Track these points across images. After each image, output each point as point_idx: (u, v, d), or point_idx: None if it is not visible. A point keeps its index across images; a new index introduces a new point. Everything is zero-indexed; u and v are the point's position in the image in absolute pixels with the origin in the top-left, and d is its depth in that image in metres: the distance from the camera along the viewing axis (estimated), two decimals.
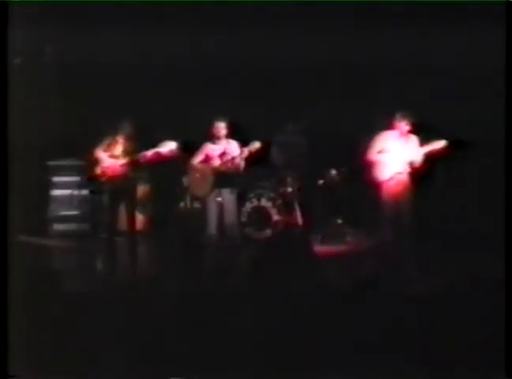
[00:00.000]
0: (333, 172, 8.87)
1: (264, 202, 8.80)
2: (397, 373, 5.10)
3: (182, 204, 8.57)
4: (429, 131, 7.73)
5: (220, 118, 7.77)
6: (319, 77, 9.16)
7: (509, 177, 6.30)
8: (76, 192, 8.94)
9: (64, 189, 9.11)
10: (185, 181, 8.23)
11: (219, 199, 7.64)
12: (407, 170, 7.65)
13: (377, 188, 7.73)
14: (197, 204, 8.30)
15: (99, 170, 7.68)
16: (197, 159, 7.78)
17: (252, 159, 7.92)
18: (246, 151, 7.60)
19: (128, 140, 7.72)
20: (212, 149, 7.77)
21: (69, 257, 8.05)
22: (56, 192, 9.15)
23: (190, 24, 8.41)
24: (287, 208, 8.86)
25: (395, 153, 7.66)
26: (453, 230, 8.12)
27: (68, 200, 9.05)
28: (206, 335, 5.52)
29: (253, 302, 6.09)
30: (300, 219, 8.90)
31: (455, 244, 7.78)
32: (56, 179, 9.17)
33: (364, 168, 7.81)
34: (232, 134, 7.81)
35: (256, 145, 7.60)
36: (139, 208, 8.62)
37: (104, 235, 7.86)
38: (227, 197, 7.68)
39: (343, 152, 8.82)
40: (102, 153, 7.68)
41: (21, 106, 6.29)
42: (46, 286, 6.65)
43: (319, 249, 8.05)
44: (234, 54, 9.15)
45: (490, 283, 6.20)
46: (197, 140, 7.94)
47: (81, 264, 7.75)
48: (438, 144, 7.54)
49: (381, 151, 7.69)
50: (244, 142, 7.78)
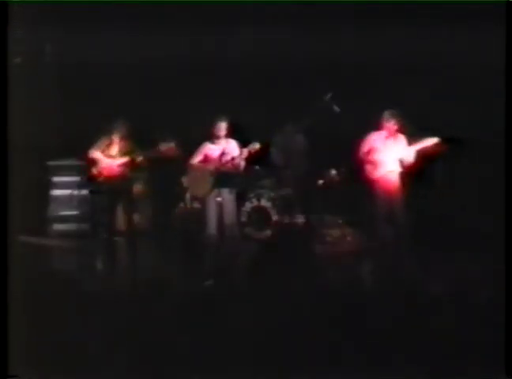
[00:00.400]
0: (333, 172, 8.87)
1: (264, 202, 8.81)
2: (396, 372, 5.10)
3: (182, 204, 8.56)
4: (428, 131, 7.73)
5: (219, 118, 7.76)
6: (319, 77, 9.18)
7: (509, 176, 6.29)
8: (76, 192, 8.94)
9: (64, 189, 9.11)
10: (185, 181, 8.23)
11: (218, 199, 7.64)
12: (399, 169, 7.64)
13: (369, 187, 7.73)
14: (196, 204, 8.30)
15: (96, 171, 7.69)
16: (197, 159, 7.78)
17: (252, 159, 7.94)
18: (246, 151, 7.60)
19: (124, 139, 7.72)
20: (211, 149, 7.76)
21: (68, 256, 8.04)
22: (56, 192, 9.16)
23: (189, 24, 8.42)
24: (287, 208, 8.87)
25: (385, 153, 7.65)
26: (451, 228, 8.13)
27: (68, 200, 9.05)
28: (206, 335, 5.52)
29: (252, 302, 6.08)
30: (300, 219, 8.92)
31: (454, 243, 7.79)
32: (56, 179, 9.17)
33: (357, 168, 7.82)
34: (232, 134, 7.81)
35: (256, 146, 7.60)
36: (138, 207, 8.64)
37: (104, 235, 7.87)
38: (227, 197, 7.68)
39: (343, 152, 8.83)
40: (98, 153, 7.69)
41: (21, 106, 6.29)
42: (46, 286, 6.65)
43: (319, 248, 8.05)
44: (234, 54, 9.18)
45: (490, 282, 6.20)
46: (197, 139, 7.95)
47: (81, 264, 7.75)
48: (430, 141, 7.52)
49: (370, 151, 7.69)
50: (244, 142, 7.77)
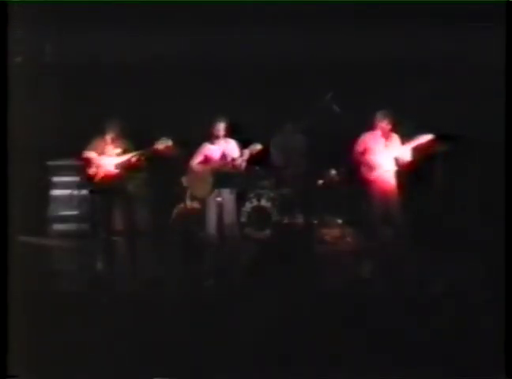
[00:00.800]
0: (333, 172, 8.87)
1: (264, 202, 8.80)
2: (396, 373, 5.10)
3: (182, 204, 8.56)
4: (427, 131, 7.73)
5: (218, 118, 7.75)
6: (319, 77, 9.19)
7: (508, 176, 6.29)
8: (76, 192, 8.93)
9: (64, 189, 9.11)
10: (185, 181, 8.23)
11: (219, 199, 7.64)
12: (395, 169, 7.64)
13: (366, 187, 7.73)
14: (197, 204, 8.30)
15: (93, 171, 7.69)
16: (197, 160, 7.78)
17: (252, 160, 7.93)
18: (248, 153, 7.58)
19: (118, 139, 7.73)
20: (211, 150, 7.76)
21: (69, 257, 8.05)
22: (56, 192, 9.15)
23: (189, 23, 8.43)
24: (287, 208, 8.87)
25: (380, 152, 7.65)
26: (449, 228, 8.13)
27: (68, 200, 9.05)
28: (206, 335, 5.52)
29: (252, 302, 6.08)
30: (300, 219, 8.92)
31: (452, 243, 7.79)
32: (56, 179, 9.17)
33: (354, 168, 7.82)
34: (231, 134, 7.80)
35: (257, 147, 7.59)
36: (138, 207, 8.63)
37: (103, 235, 7.87)
38: (227, 197, 7.67)
39: (343, 152, 8.83)
40: (93, 153, 7.70)
41: (21, 106, 6.29)
42: (46, 286, 6.66)
43: (319, 248, 8.06)
44: (234, 53, 9.18)
45: (490, 282, 6.21)
46: (196, 139, 7.94)
47: (81, 264, 7.75)
48: (424, 138, 7.51)
49: (365, 151, 7.69)
50: (243, 142, 7.77)
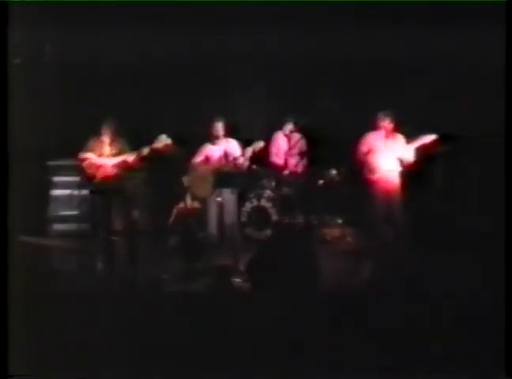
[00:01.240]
0: (333, 172, 8.87)
1: (264, 202, 8.81)
2: (396, 372, 5.10)
3: (182, 204, 8.56)
4: (428, 131, 7.73)
5: (217, 118, 7.74)
6: (319, 77, 9.20)
7: (509, 176, 6.30)
8: (76, 192, 8.92)
9: (64, 189, 9.11)
10: (185, 181, 8.23)
11: (219, 199, 7.63)
12: (398, 169, 7.63)
13: (369, 188, 7.73)
14: (197, 204, 8.30)
15: (91, 172, 7.70)
16: (197, 160, 7.78)
17: (254, 159, 7.94)
18: (250, 150, 7.57)
19: (115, 139, 7.74)
20: (212, 150, 7.76)
21: (69, 257, 8.05)
22: (56, 192, 9.16)
23: (190, 23, 8.43)
24: (287, 208, 8.87)
25: (383, 153, 7.64)
26: (451, 228, 8.13)
27: (68, 200, 9.05)
28: (206, 335, 5.52)
29: (252, 302, 6.08)
30: (300, 219, 8.93)
31: (453, 243, 7.79)
32: (56, 179, 9.17)
33: (357, 169, 7.82)
34: (231, 134, 7.80)
35: (260, 145, 7.58)
36: (138, 207, 8.64)
37: (103, 235, 7.87)
38: (228, 197, 7.67)
39: (343, 152, 8.84)
40: (90, 154, 7.70)
41: (21, 106, 6.29)
42: (46, 286, 6.65)
43: (319, 248, 8.05)
44: (233, 53, 9.19)
45: (490, 282, 6.21)
46: (195, 138, 7.95)
47: (81, 264, 7.75)
48: (428, 138, 7.50)
49: (369, 151, 7.68)
50: (244, 141, 7.77)
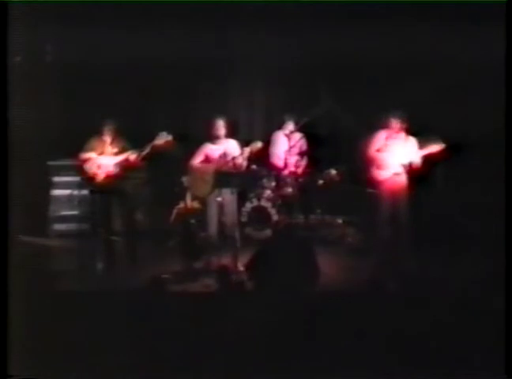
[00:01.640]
0: (333, 172, 8.86)
1: (264, 202, 8.81)
2: (396, 372, 5.11)
3: (182, 204, 8.55)
4: (428, 131, 7.72)
5: (217, 118, 7.74)
6: (319, 76, 9.21)
7: (509, 177, 6.30)
8: (76, 192, 8.93)
9: (64, 189, 9.11)
10: (185, 181, 8.23)
11: (219, 199, 7.63)
12: (404, 171, 7.60)
13: (375, 188, 7.72)
14: (197, 204, 8.30)
15: (92, 171, 7.69)
16: (197, 160, 7.77)
17: (253, 159, 7.93)
18: (248, 151, 7.57)
19: (116, 138, 7.74)
20: (211, 149, 7.75)
21: (69, 257, 8.05)
22: (56, 192, 9.16)
23: (189, 23, 8.43)
24: (287, 208, 8.88)
25: (393, 153, 7.62)
26: (453, 231, 8.14)
27: (68, 200, 9.05)
28: (206, 335, 5.53)
29: (252, 302, 6.09)
30: (300, 219, 8.94)
31: (455, 243, 7.80)
32: (56, 179, 9.17)
33: (363, 168, 7.80)
34: (231, 134, 7.80)
35: (258, 145, 7.57)
36: (138, 207, 8.64)
37: (103, 235, 7.87)
38: (228, 197, 7.66)
39: (343, 152, 8.84)
40: (92, 153, 7.70)
41: (21, 105, 6.29)
42: (46, 286, 6.66)
43: (319, 248, 8.05)
44: (233, 53, 9.20)
45: (490, 283, 6.21)
46: (196, 137, 7.94)
47: (81, 264, 7.75)
48: (436, 148, 7.49)
49: (379, 150, 7.65)
50: (244, 142, 7.77)
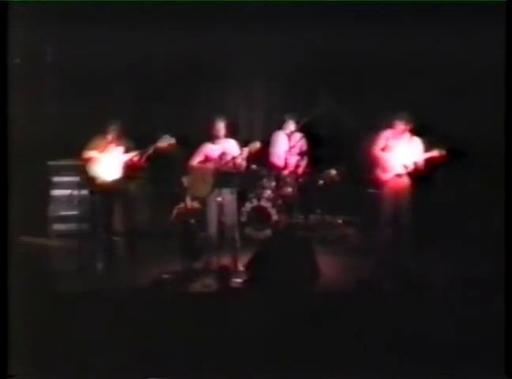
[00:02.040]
0: (333, 172, 8.86)
1: (264, 202, 8.80)
2: (396, 373, 5.11)
3: (182, 204, 8.55)
4: (428, 131, 7.72)
5: (218, 118, 7.74)
6: (319, 76, 9.20)
7: (509, 178, 6.30)
8: (76, 192, 8.93)
9: (64, 189, 9.10)
10: (185, 181, 8.22)
11: (219, 199, 7.63)
12: (407, 172, 7.60)
13: (376, 188, 7.72)
14: (197, 204, 8.29)
15: (94, 171, 7.69)
16: (197, 160, 7.77)
17: (252, 159, 7.93)
18: (247, 151, 7.57)
19: (120, 139, 7.73)
20: (211, 149, 7.75)
21: (69, 257, 8.05)
22: (56, 192, 9.15)
23: (189, 23, 8.43)
24: (287, 208, 8.87)
25: (396, 154, 7.62)
26: (454, 231, 8.14)
27: (68, 200, 9.05)
28: (206, 334, 5.53)
29: (252, 302, 6.09)
30: (300, 219, 8.93)
31: (455, 243, 7.80)
32: (56, 179, 9.16)
33: (365, 168, 7.80)
34: (231, 134, 7.80)
35: (256, 145, 7.58)
36: (138, 207, 8.63)
37: (103, 235, 7.87)
38: (227, 197, 7.66)
39: (343, 151, 8.84)
40: (95, 152, 7.69)
41: (21, 106, 6.29)
42: (46, 286, 6.66)
43: (319, 248, 8.05)
44: (233, 53, 9.19)
45: (490, 282, 6.21)
46: (197, 139, 7.94)
47: (81, 264, 7.75)
48: (438, 153, 7.50)
49: (383, 149, 7.65)
50: (244, 142, 7.77)
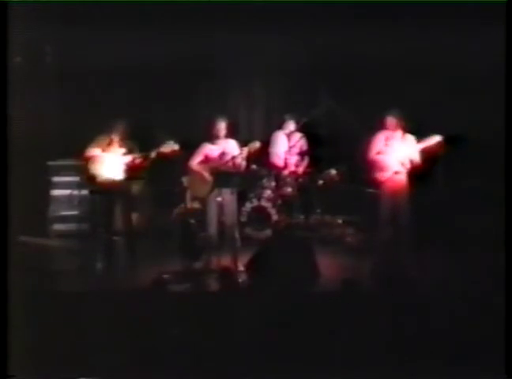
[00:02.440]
0: (333, 172, 8.86)
1: (264, 202, 8.80)
2: (396, 372, 5.11)
3: (182, 204, 8.55)
4: (428, 131, 7.72)
5: (218, 118, 7.74)
6: (319, 76, 9.21)
7: (509, 176, 6.30)
8: (76, 192, 8.93)
9: (64, 189, 9.11)
10: (185, 181, 8.22)
11: (219, 199, 7.63)
12: (405, 169, 7.61)
13: (376, 188, 7.72)
14: (197, 205, 8.29)
15: (95, 170, 7.69)
16: (197, 160, 7.76)
17: (252, 159, 7.93)
18: (246, 150, 7.57)
19: (124, 140, 7.73)
20: (211, 149, 7.75)
21: (69, 257, 8.05)
22: (56, 192, 9.16)
23: (189, 23, 8.44)
24: (287, 208, 8.88)
25: (392, 153, 7.63)
26: (453, 228, 8.14)
27: (68, 200, 9.05)
28: (206, 334, 5.52)
29: (252, 303, 6.08)
30: (300, 219, 8.93)
31: (455, 243, 7.80)
32: (56, 179, 9.17)
33: (364, 168, 7.80)
34: (231, 134, 7.80)
35: (256, 145, 7.58)
36: (138, 207, 8.64)
37: (103, 235, 7.87)
38: (227, 197, 7.66)
39: (343, 151, 8.84)
40: (98, 151, 7.67)
41: (21, 105, 6.30)
42: (46, 286, 6.66)
43: (319, 248, 8.05)
44: (233, 53, 9.20)
45: (490, 282, 6.21)
46: (197, 139, 7.94)
47: (81, 264, 7.75)
48: (433, 140, 7.49)
49: (379, 151, 7.66)
50: (243, 142, 7.77)
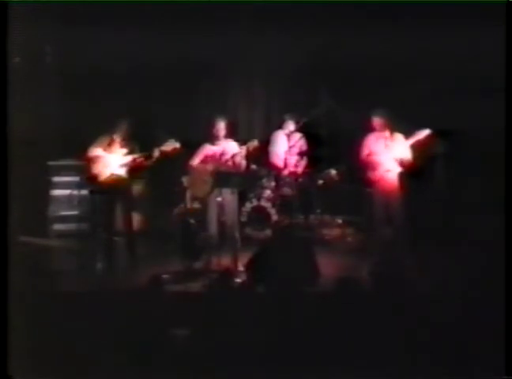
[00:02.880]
0: (333, 172, 8.87)
1: (264, 202, 8.81)
2: (396, 372, 5.10)
3: (182, 204, 8.56)
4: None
5: (218, 118, 7.74)
6: (319, 76, 9.22)
7: (509, 175, 6.30)
8: (76, 192, 8.94)
9: (64, 189, 9.11)
10: (185, 181, 8.23)
11: (219, 199, 7.63)
12: (398, 169, 7.62)
13: (370, 188, 7.73)
14: (197, 205, 8.30)
15: (96, 170, 7.69)
16: (197, 160, 7.77)
17: (252, 159, 7.94)
18: (245, 149, 7.58)
19: (126, 139, 7.73)
20: (211, 150, 7.75)
21: (69, 257, 8.05)
22: (56, 192, 9.16)
23: (189, 23, 8.44)
24: (287, 208, 8.88)
25: (383, 153, 7.64)
26: (450, 228, 8.15)
27: (68, 200, 9.05)
28: (206, 334, 5.52)
29: (252, 303, 6.08)
30: (300, 219, 8.94)
31: (453, 242, 7.80)
32: (56, 179, 9.17)
33: (358, 169, 7.82)
34: (231, 134, 7.80)
35: (254, 143, 7.59)
36: (138, 207, 8.64)
37: (103, 235, 7.87)
38: (227, 197, 7.66)
39: (343, 152, 8.84)
40: (100, 150, 7.67)
41: (21, 105, 6.29)
42: (46, 286, 6.65)
43: (319, 248, 8.05)
44: (233, 53, 9.21)
45: (490, 282, 6.21)
46: (197, 139, 7.95)
47: (81, 264, 7.75)
48: (422, 134, 7.49)
49: (370, 153, 7.69)
50: (243, 142, 7.77)
